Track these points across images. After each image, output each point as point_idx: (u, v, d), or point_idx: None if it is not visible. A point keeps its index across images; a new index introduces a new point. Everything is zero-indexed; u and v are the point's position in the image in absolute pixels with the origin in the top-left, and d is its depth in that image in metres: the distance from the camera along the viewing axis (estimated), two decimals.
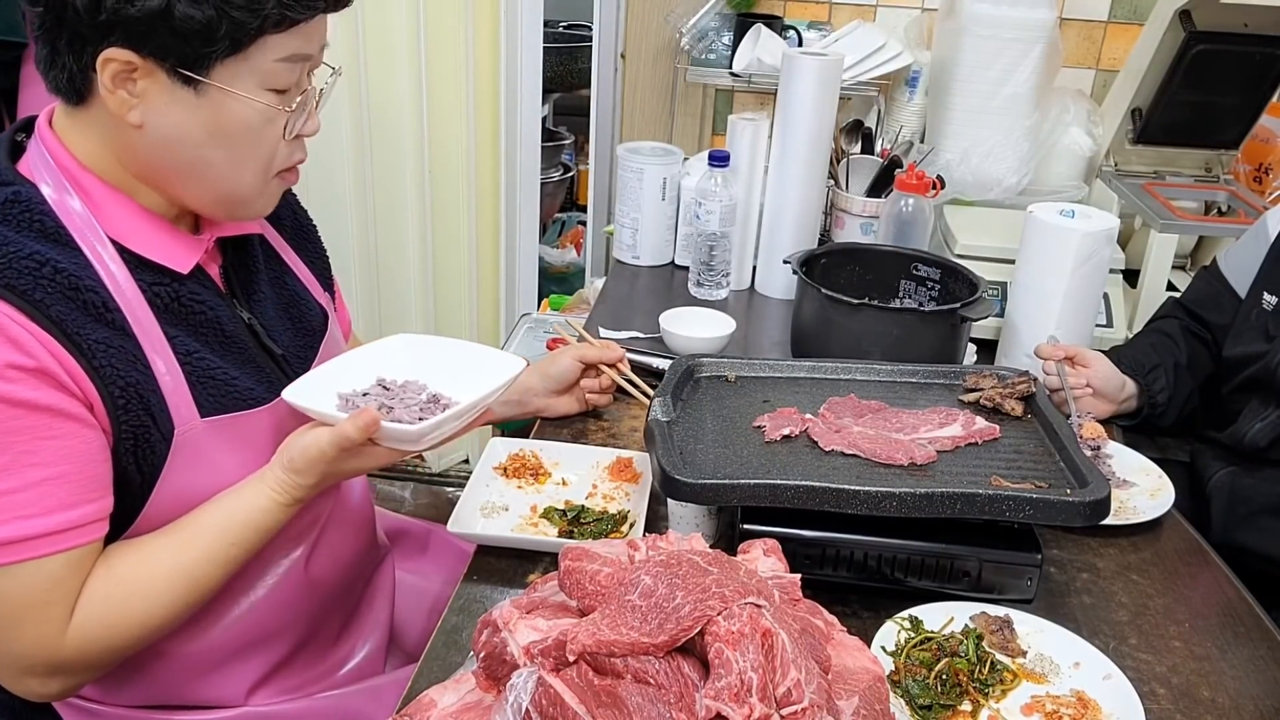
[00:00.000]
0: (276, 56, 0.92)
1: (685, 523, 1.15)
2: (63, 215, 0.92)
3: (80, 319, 0.89)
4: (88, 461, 0.90)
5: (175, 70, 0.89)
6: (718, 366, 1.32)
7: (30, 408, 0.86)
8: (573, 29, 3.59)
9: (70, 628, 0.91)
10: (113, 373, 0.90)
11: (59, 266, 0.89)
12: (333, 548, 1.14)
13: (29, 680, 0.92)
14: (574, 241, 3.43)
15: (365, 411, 0.96)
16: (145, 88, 0.90)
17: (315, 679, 1.15)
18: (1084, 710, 0.94)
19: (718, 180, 1.78)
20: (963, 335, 1.50)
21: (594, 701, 0.72)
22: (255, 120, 0.94)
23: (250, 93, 0.92)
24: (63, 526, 0.88)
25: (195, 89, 0.90)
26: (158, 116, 0.91)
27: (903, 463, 1.11)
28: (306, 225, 1.24)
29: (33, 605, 0.89)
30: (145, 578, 0.94)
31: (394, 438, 0.98)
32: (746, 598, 0.75)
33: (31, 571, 0.88)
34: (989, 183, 2.02)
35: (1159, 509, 1.27)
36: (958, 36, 2.02)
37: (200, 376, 0.97)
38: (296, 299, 1.15)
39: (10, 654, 0.91)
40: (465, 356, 1.13)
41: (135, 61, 0.88)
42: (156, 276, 0.97)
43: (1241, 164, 2.11)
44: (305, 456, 0.97)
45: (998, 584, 1.06)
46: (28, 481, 0.86)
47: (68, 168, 0.94)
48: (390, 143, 2.36)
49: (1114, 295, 1.76)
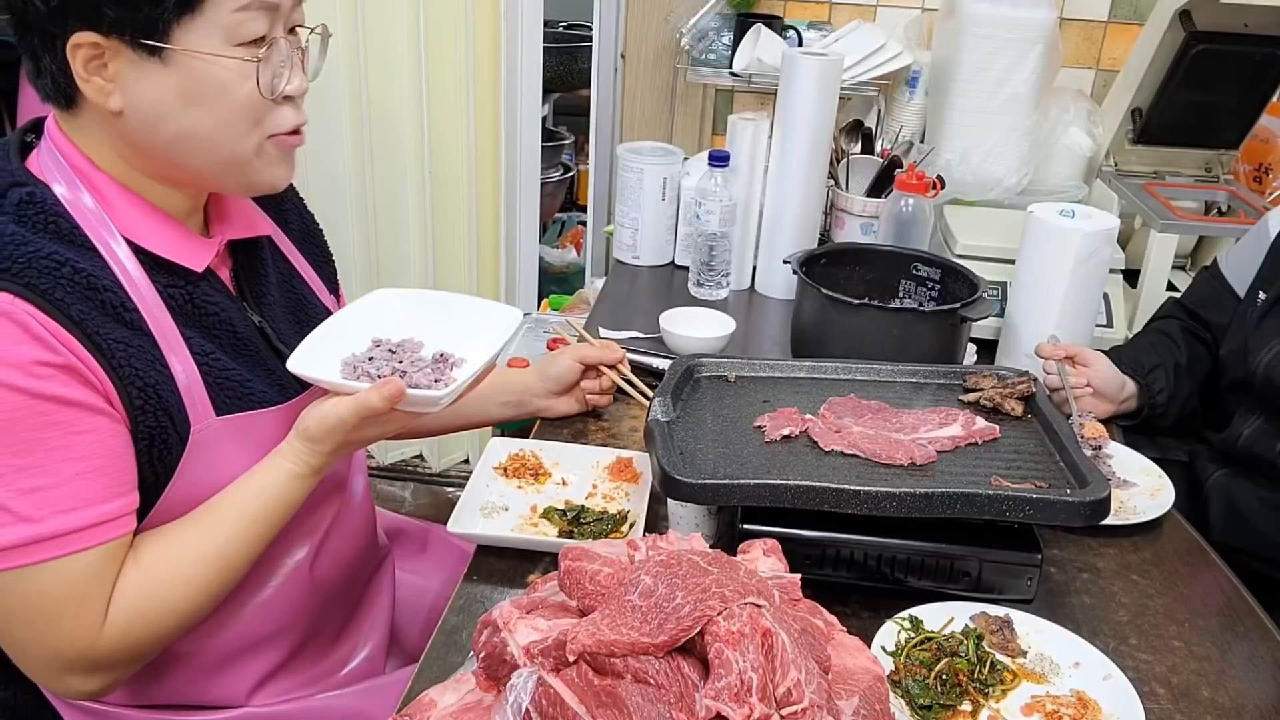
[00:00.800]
0: (233, 7, 0.91)
1: (685, 523, 1.15)
2: (77, 215, 0.92)
3: (99, 318, 0.89)
4: (117, 455, 0.91)
5: (137, 43, 0.89)
6: (718, 366, 1.32)
7: (62, 403, 0.87)
8: (573, 29, 3.59)
9: (108, 620, 0.92)
10: (131, 372, 0.90)
11: (77, 266, 0.89)
12: (336, 548, 1.15)
13: (70, 678, 0.93)
14: (574, 241, 3.43)
15: (390, 381, 0.96)
16: (116, 69, 0.90)
17: (316, 679, 1.15)
18: (1084, 710, 0.94)
19: (718, 180, 1.78)
20: (963, 335, 1.50)
21: (594, 701, 0.72)
22: (227, 78, 0.92)
23: (215, 49, 0.91)
24: (99, 519, 0.89)
25: (160, 57, 0.89)
26: (134, 96, 0.91)
27: (903, 463, 1.11)
28: (314, 229, 1.24)
29: (71, 599, 0.89)
30: (174, 564, 0.95)
31: (416, 403, 0.99)
32: (746, 598, 0.75)
33: (69, 566, 0.89)
34: (989, 183, 2.02)
35: (1159, 509, 1.27)
36: (957, 36, 2.02)
37: (216, 377, 0.98)
38: (305, 302, 1.16)
39: (51, 650, 0.91)
40: (455, 308, 1.12)
41: (100, 42, 0.88)
42: (171, 278, 0.97)
43: (1241, 164, 2.11)
44: (323, 425, 0.97)
45: (998, 584, 1.06)
46: (63, 477, 0.87)
47: (80, 167, 0.94)
48: (390, 143, 2.36)
49: (1114, 295, 1.76)
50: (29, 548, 0.87)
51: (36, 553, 0.87)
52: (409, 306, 1.11)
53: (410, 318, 1.10)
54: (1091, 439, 1.34)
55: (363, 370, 1.02)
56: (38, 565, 0.87)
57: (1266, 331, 1.40)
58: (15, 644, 0.92)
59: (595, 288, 2.19)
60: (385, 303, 1.13)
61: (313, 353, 1.02)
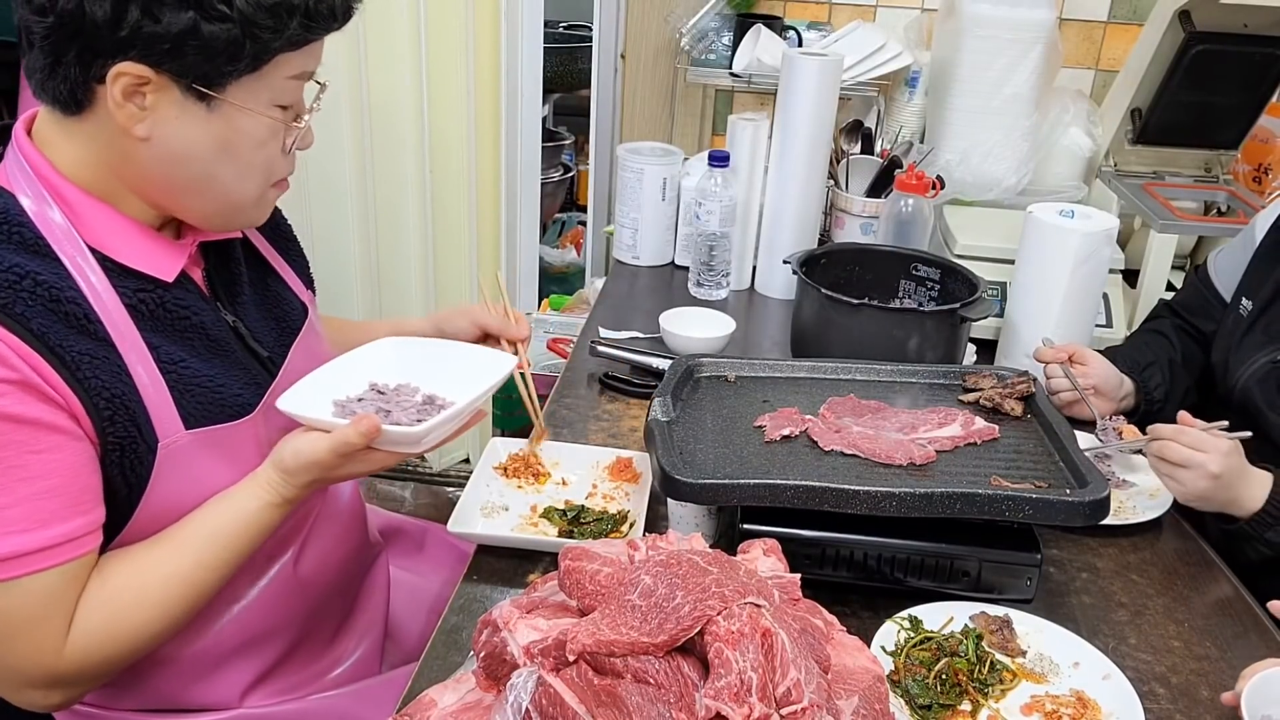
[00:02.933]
0: (288, 74, 0.94)
1: (685, 523, 1.15)
2: (42, 226, 0.91)
3: (63, 331, 0.88)
4: (77, 473, 0.89)
5: (191, 86, 0.89)
6: (718, 366, 1.33)
7: (17, 421, 0.85)
8: (573, 29, 3.59)
9: (69, 640, 0.90)
10: (98, 384, 0.89)
11: (39, 279, 0.87)
12: (322, 548, 1.14)
13: (30, 692, 0.92)
14: (574, 241, 3.43)
15: (366, 417, 0.95)
16: (155, 101, 0.89)
17: (311, 679, 1.15)
18: (1084, 710, 0.94)
19: (718, 180, 1.78)
20: (963, 335, 1.50)
21: (594, 701, 0.72)
22: (263, 135, 0.95)
23: (261, 109, 0.93)
24: (57, 540, 0.88)
25: (208, 104, 0.90)
26: (166, 130, 0.90)
27: (902, 463, 1.11)
28: (282, 224, 1.23)
29: (30, 620, 0.88)
30: (141, 586, 0.94)
31: (394, 441, 0.98)
32: (746, 598, 0.75)
33: (26, 587, 0.87)
34: (989, 183, 2.02)
35: (1159, 509, 1.27)
36: (957, 37, 2.02)
37: (186, 385, 0.97)
38: (279, 299, 1.15)
39: (9, 668, 0.90)
40: (455, 356, 1.13)
41: (149, 76, 0.87)
42: (140, 284, 0.96)
43: (1241, 164, 2.11)
44: (298, 459, 0.96)
45: (997, 584, 1.07)
46: (18, 497, 0.86)
47: (47, 177, 0.92)
48: (390, 143, 2.36)
49: (1114, 295, 1.76)
50: None
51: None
52: (411, 353, 1.13)
53: (409, 364, 1.11)
54: (1130, 441, 1.33)
55: (349, 410, 1.03)
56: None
57: (1247, 348, 1.39)
58: None
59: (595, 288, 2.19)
60: (390, 349, 1.14)
61: (308, 391, 1.03)
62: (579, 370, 1.58)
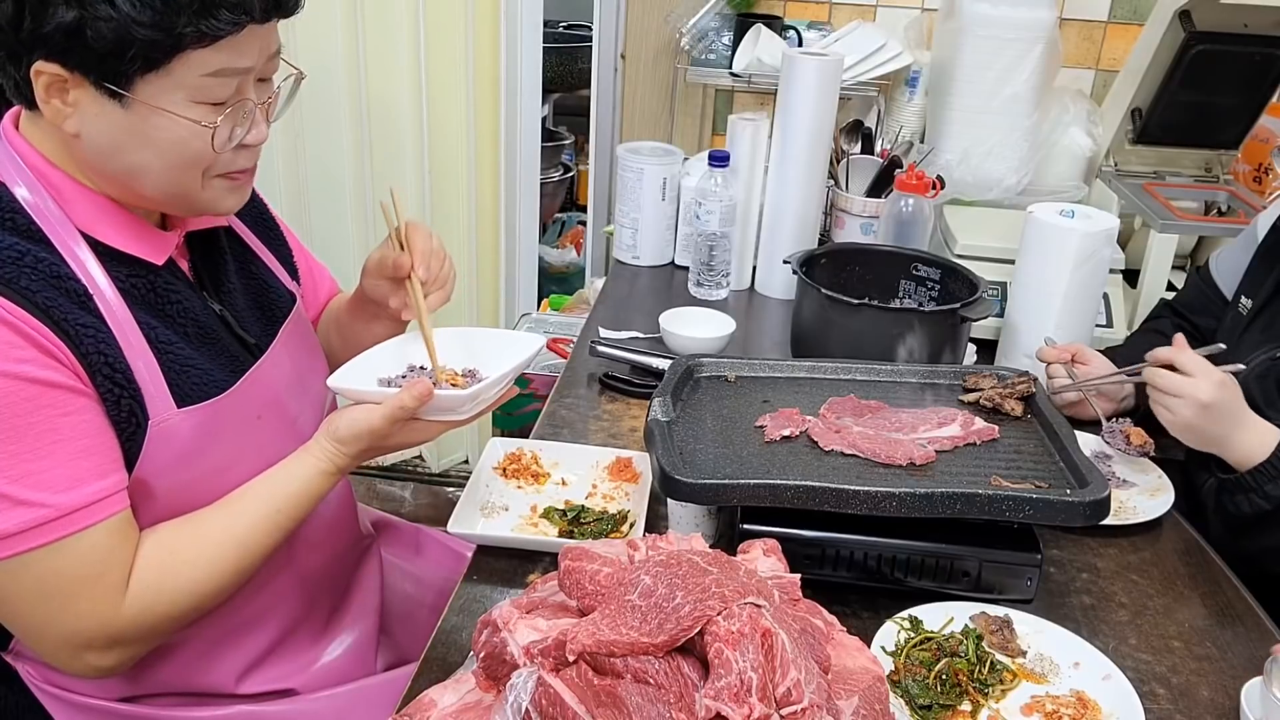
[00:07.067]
0: (203, 72, 0.90)
1: (685, 523, 1.15)
2: (35, 213, 0.93)
3: (66, 305, 0.90)
4: (103, 435, 0.92)
5: (100, 84, 0.89)
6: (718, 366, 1.32)
7: (46, 385, 0.88)
8: (573, 29, 3.59)
9: (128, 595, 0.93)
10: (99, 359, 0.91)
11: (39, 256, 0.90)
12: (314, 533, 1.16)
13: (88, 654, 0.94)
14: (574, 241, 3.43)
15: (420, 382, 1.01)
16: (77, 98, 0.90)
17: (305, 665, 1.16)
18: (1084, 710, 0.94)
19: (718, 180, 1.78)
20: (963, 335, 1.50)
21: (594, 701, 0.72)
22: (183, 135, 0.92)
23: (176, 108, 0.91)
24: (99, 495, 0.91)
25: (121, 102, 0.90)
26: (91, 127, 0.91)
27: (902, 463, 1.11)
28: (265, 213, 1.24)
29: (87, 578, 0.91)
30: (197, 545, 0.98)
31: (442, 408, 1.04)
32: (746, 598, 0.75)
33: (78, 544, 0.90)
34: (989, 183, 2.02)
35: (1159, 509, 1.27)
36: (958, 36, 2.02)
37: (181, 366, 0.99)
38: (266, 287, 1.17)
39: (68, 629, 0.92)
40: (486, 340, 1.18)
41: (64, 74, 0.88)
42: (132, 269, 0.98)
43: (1241, 164, 2.11)
44: (353, 428, 1.01)
45: (998, 584, 1.06)
46: (57, 459, 0.88)
47: (36, 166, 0.95)
48: (390, 143, 2.36)
49: (1114, 295, 1.76)
50: (33, 531, 0.88)
51: (42, 535, 0.88)
52: (448, 339, 1.17)
53: (446, 347, 1.15)
54: (1139, 445, 1.33)
55: (396, 385, 1.07)
56: (46, 547, 0.88)
57: (1247, 346, 1.39)
58: (31, 626, 0.93)
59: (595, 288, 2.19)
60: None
61: (352, 371, 1.09)
62: (579, 370, 1.58)
